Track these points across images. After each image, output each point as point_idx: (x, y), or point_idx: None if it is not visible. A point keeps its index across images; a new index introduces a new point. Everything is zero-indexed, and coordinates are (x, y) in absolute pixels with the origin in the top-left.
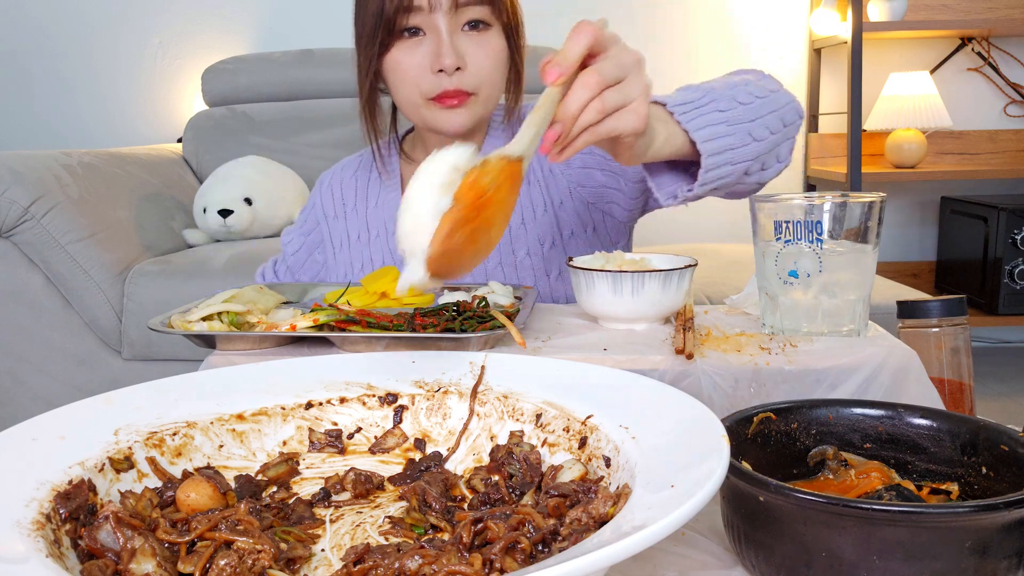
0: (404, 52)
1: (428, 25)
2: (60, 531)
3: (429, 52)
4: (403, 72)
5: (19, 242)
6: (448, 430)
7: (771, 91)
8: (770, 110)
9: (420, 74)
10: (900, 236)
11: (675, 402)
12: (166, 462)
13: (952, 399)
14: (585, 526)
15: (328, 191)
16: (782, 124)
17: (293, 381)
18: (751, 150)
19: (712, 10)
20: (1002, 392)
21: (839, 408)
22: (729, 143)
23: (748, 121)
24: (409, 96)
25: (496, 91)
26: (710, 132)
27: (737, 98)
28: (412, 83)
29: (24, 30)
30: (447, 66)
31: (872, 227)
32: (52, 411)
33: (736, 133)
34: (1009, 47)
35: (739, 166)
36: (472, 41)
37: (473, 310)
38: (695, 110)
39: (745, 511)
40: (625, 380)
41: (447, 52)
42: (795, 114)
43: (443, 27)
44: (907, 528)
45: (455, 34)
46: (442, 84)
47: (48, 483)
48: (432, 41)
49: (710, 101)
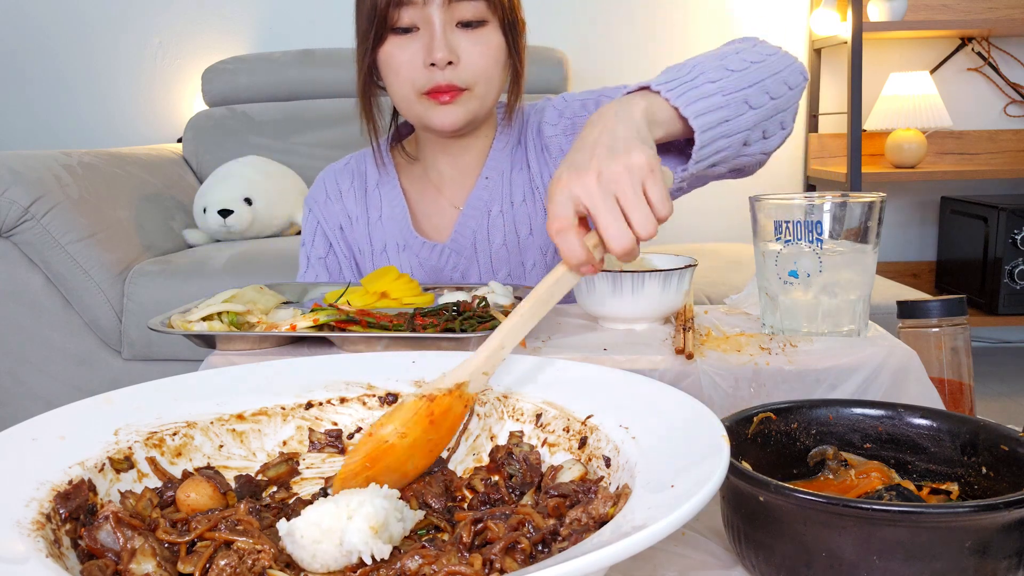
0: (397, 46)
1: (421, 19)
2: (60, 531)
3: (422, 46)
4: (396, 66)
5: (19, 242)
6: None
7: (768, 55)
8: (769, 74)
9: (413, 68)
10: (900, 236)
11: (675, 402)
12: (166, 462)
13: (952, 399)
14: (585, 526)
15: (326, 206)
16: (786, 87)
17: (293, 381)
18: (749, 119)
19: (712, 10)
20: (1002, 392)
21: (839, 408)
22: (724, 115)
23: (743, 88)
24: (403, 91)
25: (493, 88)
26: (703, 105)
27: (728, 66)
28: (405, 77)
29: (24, 30)
30: (439, 60)
31: (872, 227)
32: (52, 411)
33: (731, 104)
34: (1009, 47)
35: (736, 137)
36: (467, 37)
37: (473, 310)
38: (683, 85)
39: (745, 511)
40: (625, 380)
41: (439, 46)
42: (799, 76)
43: (436, 21)
44: (907, 528)
45: (449, 29)
46: (434, 78)
47: (48, 483)
48: (425, 36)
49: (699, 74)
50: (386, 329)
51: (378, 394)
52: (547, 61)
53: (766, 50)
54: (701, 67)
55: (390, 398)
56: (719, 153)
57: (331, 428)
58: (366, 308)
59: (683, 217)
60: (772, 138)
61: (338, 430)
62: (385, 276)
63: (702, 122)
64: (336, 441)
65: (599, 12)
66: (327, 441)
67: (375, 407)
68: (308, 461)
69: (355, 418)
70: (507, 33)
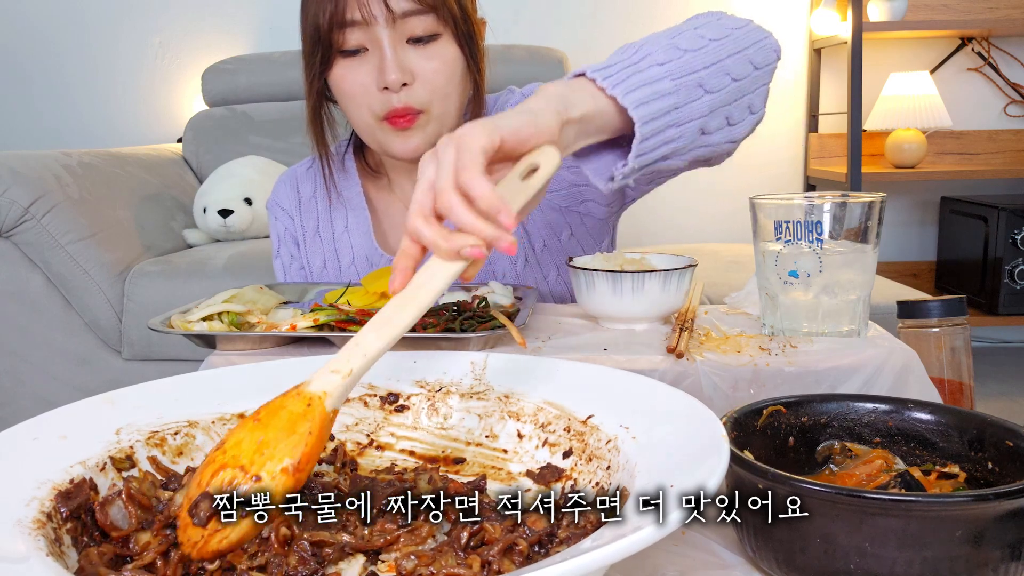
0: (347, 69)
1: (369, 40)
2: (61, 530)
3: (373, 69)
4: (349, 92)
5: (19, 242)
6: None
7: (732, 29)
8: (730, 52)
9: (366, 92)
10: (900, 236)
11: (675, 402)
12: (167, 461)
13: (952, 399)
14: (582, 528)
15: (290, 210)
16: (752, 67)
17: (294, 380)
18: (703, 104)
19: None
20: (1002, 392)
21: (849, 403)
22: (672, 102)
23: (697, 71)
24: (361, 118)
25: (451, 105)
26: (646, 93)
27: (680, 45)
28: (361, 103)
29: (24, 30)
30: (391, 83)
31: (872, 227)
32: (53, 411)
33: (681, 88)
34: (1009, 47)
35: (689, 126)
36: (419, 54)
37: (473, 310)
38: (624, 70)
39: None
40: (625, 380)
41: (390, 68)
42: (770, 53)
43: (384, 41)
44: (898, 517)
45: (400, 47)
46: (390, 102)
47: (49, 482)
48: (375, 56)
49: (644, 56)
50: None
51: (379, 394)
52: (547, 61)
53: (731, 23)
54: (649, 47)
55: (391, 398)
56: (669, 144)
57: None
58: (366, 308)
59: (683, 217)
60: (739, 125)
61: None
62: (385, 276)
63: (644, 112)
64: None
65: (598, 12)
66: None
67: (376, 407)
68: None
69: (356, 417)
70: (463, 44)
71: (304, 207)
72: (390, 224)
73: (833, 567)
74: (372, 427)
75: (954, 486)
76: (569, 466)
